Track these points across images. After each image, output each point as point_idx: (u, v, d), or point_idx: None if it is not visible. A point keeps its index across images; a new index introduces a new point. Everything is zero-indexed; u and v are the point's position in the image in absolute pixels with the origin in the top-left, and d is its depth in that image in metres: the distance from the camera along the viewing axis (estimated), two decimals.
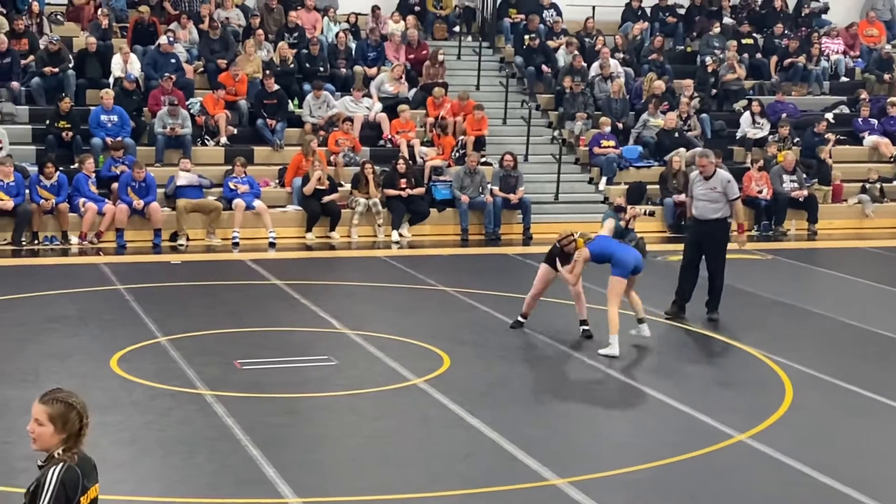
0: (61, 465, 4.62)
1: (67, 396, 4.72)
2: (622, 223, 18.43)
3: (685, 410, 10.22)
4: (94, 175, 18.24)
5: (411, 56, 22.64)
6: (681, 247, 18.91)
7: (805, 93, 24.36)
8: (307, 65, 21.74)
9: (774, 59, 24.66)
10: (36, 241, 17.73)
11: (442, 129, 20.89)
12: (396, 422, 9.93)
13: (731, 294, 14.81)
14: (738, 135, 22.66)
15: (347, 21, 23.41)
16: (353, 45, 22.60)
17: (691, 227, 14.10)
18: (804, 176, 21.22)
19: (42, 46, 20.40)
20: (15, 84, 19.94)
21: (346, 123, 20.50)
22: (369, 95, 21.47)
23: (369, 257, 17.89)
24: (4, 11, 21.13)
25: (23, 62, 20.29)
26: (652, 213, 19.84)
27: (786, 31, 25.35)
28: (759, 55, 24.78)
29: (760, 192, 20.76)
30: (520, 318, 13.05)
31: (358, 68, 22.27)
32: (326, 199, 18.96)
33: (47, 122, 19.13)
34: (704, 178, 13.65)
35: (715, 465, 8.98)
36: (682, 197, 20.24)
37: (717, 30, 24.67)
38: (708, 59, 23.76)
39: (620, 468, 8.81)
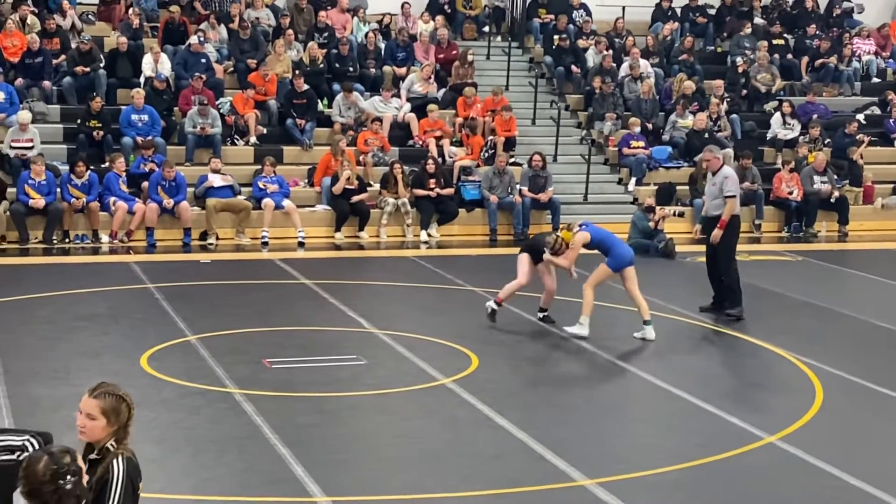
0: (121, 456, 4.72)
1: (116, 389, 4.81)
2: (651, 224, 18.43)
3: (714, 412, 10.18)
4: (124, 174, 18.35)
5: (441, 56, 22.65)
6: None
7: (836, 94, 24.22)
8: (336, 65, 21.77)
9: (805, 59, 24.52)
10: (67, 240, 17.84)
11: (471, 129, 20.88)
12: (425, 422, 9.94)
13: (760, 295, 14.77)
14: (769, 136, 22.55)
15: (379, 22, 23.40)
16: (382, 46, 22.63)
17: (704, 225, 14.30)
18: (835, 177, 21.10)
19: (73, 46, 20.53)
20: (47, 83, 20.06)
21: (376, 123, 20.53)
22: (398, 95, 21.49)
23: (398, 257, 17.90)
24: (37, 11, 21.27)
25: (54, 61, 20.42)
26: (681, 214, 19.79)
27: (817, 32, 25.21)
28: (789, 56, 24.65)
29: (791, 193, 20.66)
30: (539, 313, 13.27)
31: (387, 68, 22.29)
32: (355, 198, 18.99)
33: (78, 121, 19.24)
34: (711, 174, 13.97)
35: (744, 467, 8.94)
36: None
37: (747, 30, 24.56)
38: (738, 60, 23.66)
39: (649, 469, 8.79)
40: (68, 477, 4.30)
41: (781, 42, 24.81)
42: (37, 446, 4.51)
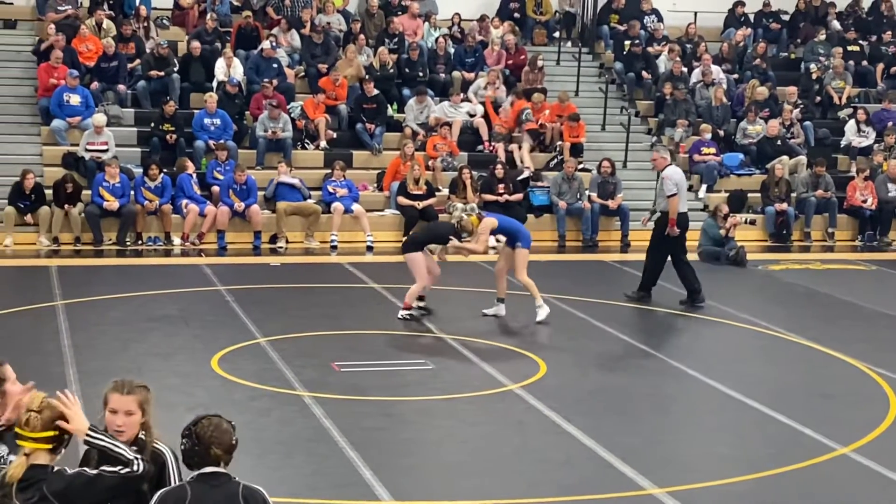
0: (160, 444, 4.94)
1: (138, 381, 5.04)
2: (722, 231, 18.25)
3: (786, 422, 10.06)
4: (195, 174, 18.55)
5: (510, 62, 22.62)
6: (782, 255, 18.75)
7: None
8: (406, 70, 21.84)
9: (881, 66, 24.19)
10: (140, 242, 18.05)
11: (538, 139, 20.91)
12: (493, 427, 9.92)
13: (834, 304, 14.58)
14: (843, 143, 22.27)
15: (452, 25, 23.37)
16: (451, 51, 22.65)
17: (657, 220, 14.82)
18: None
19: (148, 50, 20.79)
20: (121, 87, 20.33)
21: (444, 128, 20.55)
22: (468, 100, 21.50)
23: (466, 262, 17.86)
24: (113, 15, 21.57)
25: (129, 66, 20.68)
26: (753, 222, 19.58)
27: (893, 38, 24.84)
28: (865, 62, 24.32)
29: (865, 201, 20.39)
30: (419, 309, 13.60)
31: (456, 73, 22.32)
32: (423, 203, 19.02)
33: (152, 124, 19.48)
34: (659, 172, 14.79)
35: (816, 479, 8.83)
36: (784, 206, 19.98)
37: (822, 36, 24.27)
38: (812, 67, 23.40)
39: (719, 479, 8.70)
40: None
41: (856, 48, 24.47)
42: (143, 467, 4.65)
